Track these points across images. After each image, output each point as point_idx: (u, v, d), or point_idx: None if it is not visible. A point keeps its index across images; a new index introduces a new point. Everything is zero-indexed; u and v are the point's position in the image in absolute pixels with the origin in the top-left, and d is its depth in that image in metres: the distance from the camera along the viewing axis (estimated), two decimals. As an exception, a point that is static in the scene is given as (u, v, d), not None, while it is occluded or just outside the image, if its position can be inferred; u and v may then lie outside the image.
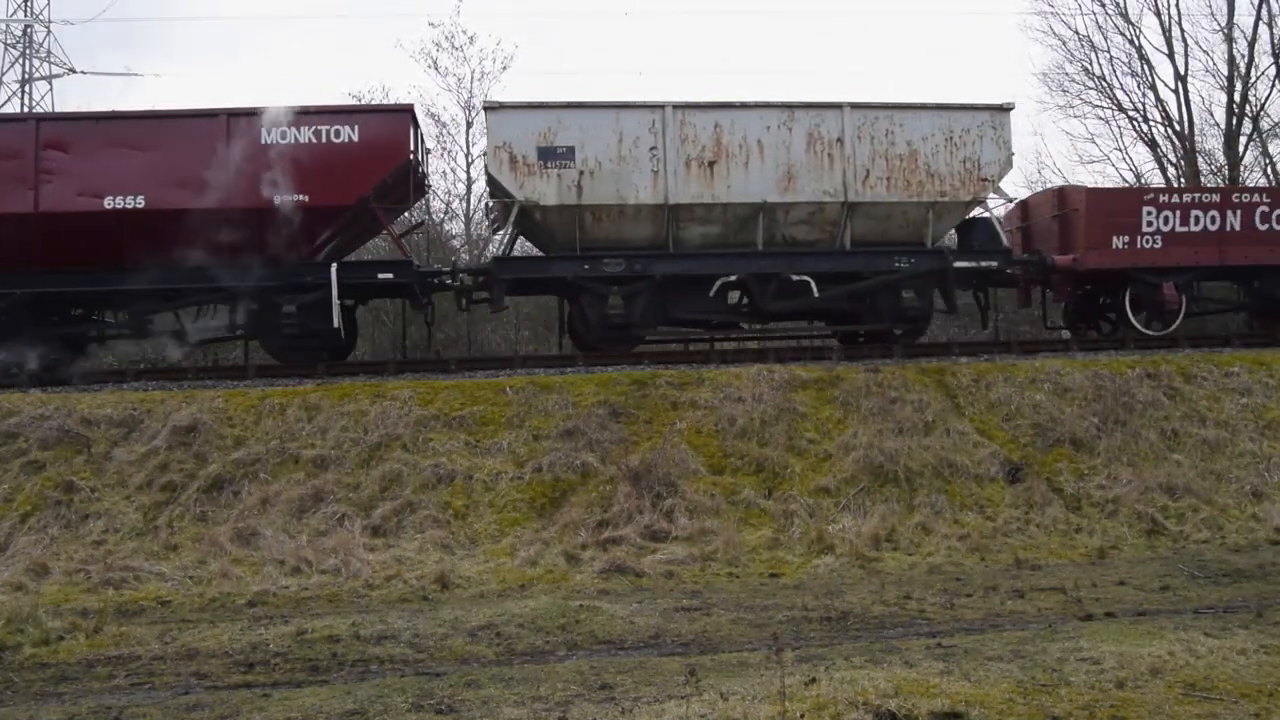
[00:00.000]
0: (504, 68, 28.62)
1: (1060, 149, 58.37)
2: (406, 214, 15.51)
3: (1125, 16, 24.77)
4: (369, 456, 10.03)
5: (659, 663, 5.69)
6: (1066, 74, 25.70)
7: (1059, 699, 4.68)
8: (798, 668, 5.26)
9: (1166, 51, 24.27)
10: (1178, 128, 24.27)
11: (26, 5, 31.35)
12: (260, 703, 5.07)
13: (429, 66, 26.37)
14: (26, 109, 30.23)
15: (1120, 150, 30.76)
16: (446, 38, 26.53)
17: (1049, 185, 20.75)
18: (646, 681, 5.21)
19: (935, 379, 11.50)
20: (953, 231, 14.58)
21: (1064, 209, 14.80)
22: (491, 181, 13.19)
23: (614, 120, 12.99)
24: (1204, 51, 27.12)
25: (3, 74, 31.04)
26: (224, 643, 6.39)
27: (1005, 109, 13.68)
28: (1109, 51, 25.20)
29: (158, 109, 13.25)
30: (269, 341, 13.20)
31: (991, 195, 13.89)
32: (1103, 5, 25.03)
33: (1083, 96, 25.54)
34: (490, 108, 13.10)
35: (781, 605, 7.24)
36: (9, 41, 31.31)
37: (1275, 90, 23.65)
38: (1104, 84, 25.22)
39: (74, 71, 32.32)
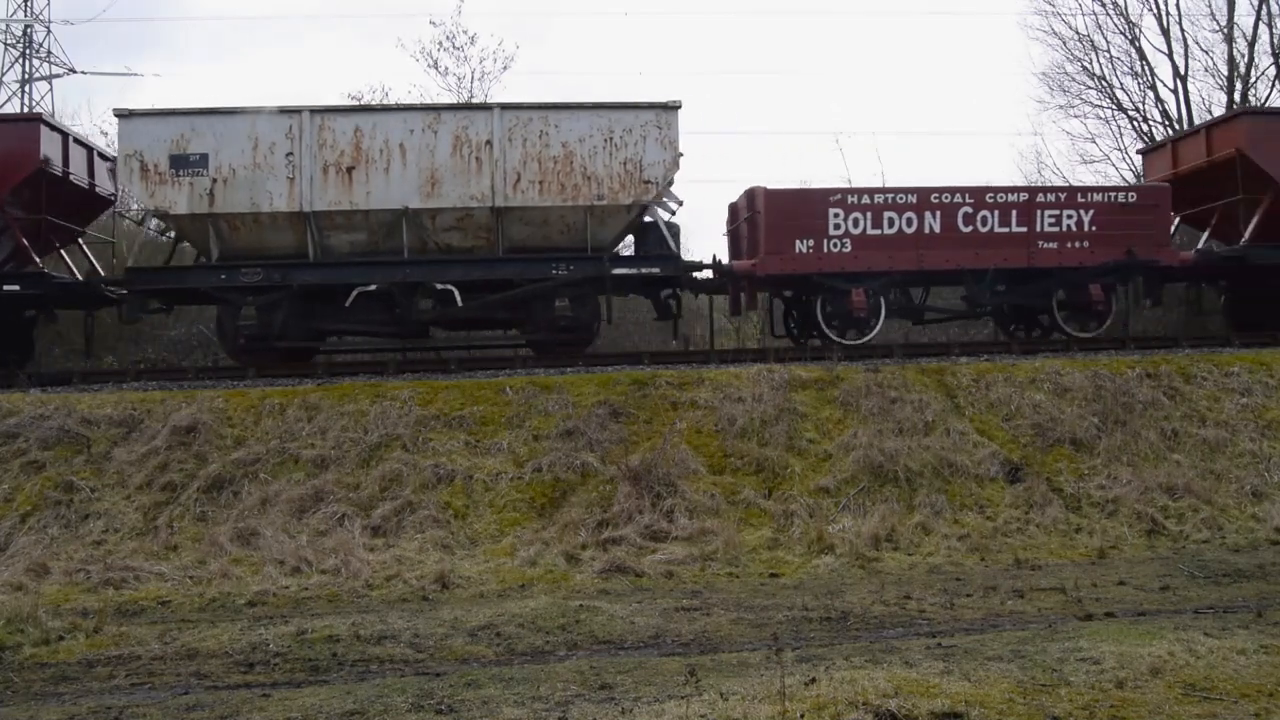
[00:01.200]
0: (504, 68, 28.63)
1: (1060, 149, 58.45)
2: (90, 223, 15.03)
3: (1125, 16, 24.82)
4: (369, 456, 10.03)
5: (659, 663, 5.69)
6: (1066, 73, 25.79)
7: (1059, 699, 4.67)
8: (798, 668, 5.26)
9: (1166, 51, 24.33)
10: (1178, 128, 24.29)
11: (26, 5, 31.35)
12: (260, 703, 5.07)
13: (429, 66, 26.40)
14: (27, 109, 30.22)
15: (1120, 150, 30.68)
16: (447, 37, 26.44)
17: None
18: (646, 681, 5.21)
19: (935, 379, 11.50)
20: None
21: (752, 211, 14.06)
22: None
23: (249, 126, 12.72)
24: (1204, 51, 27.12)
25: (3, 74, 31.05)
26: (224, 643, 6.39)
27: (671, 107, 13.07)
28: (1109, 51, 25.26)
29: None
30: None
31: (656, 197, 13.20)
32: (1103, 5, 25.11)
33: (1083, 96, 25.61)
34: (121, 115, 12.72)
35: (781, 605, 7.24)
36: (9, 41, 31.32)
37: (1275, 90, 23.69)
38: (1104, 84, 25.29)
39: (74, 71, 32.32)
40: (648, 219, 13.55)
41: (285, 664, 5.95)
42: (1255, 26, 23.61)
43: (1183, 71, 24.09)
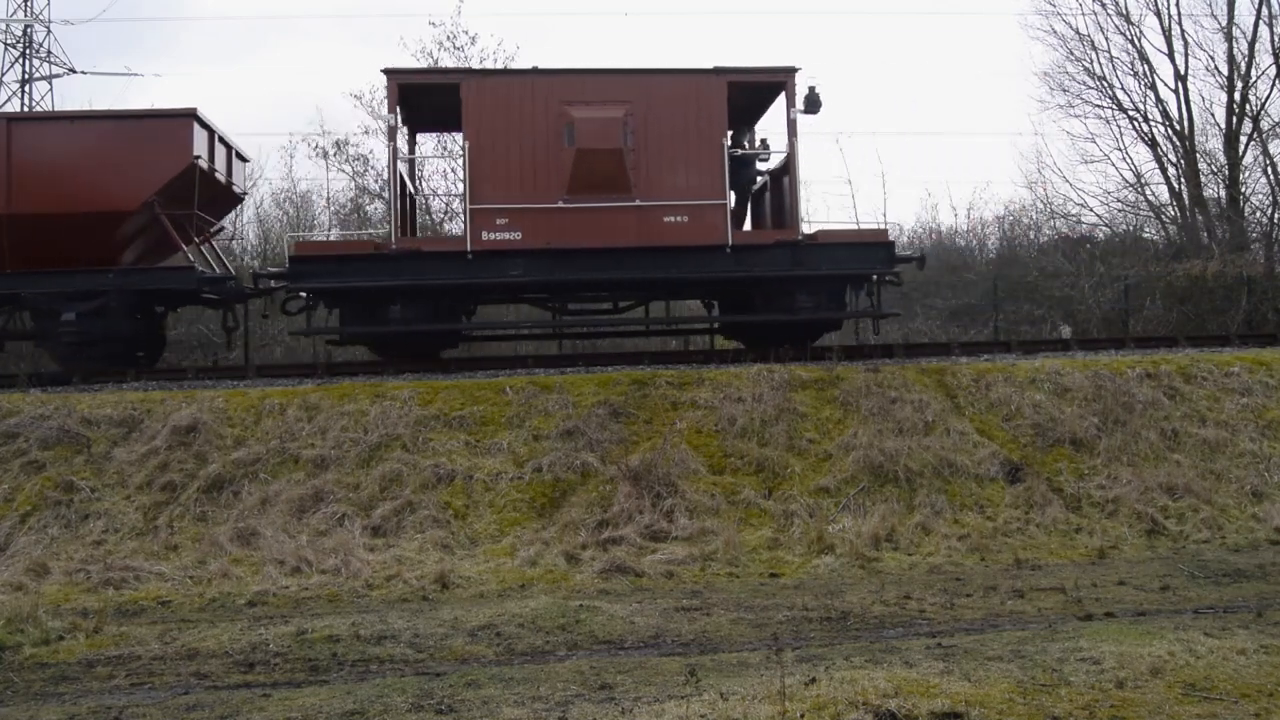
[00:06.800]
0: (504, 68, 28.49)
1: (1060, 149, 58.44)
2: None
3: (1126, 16, 24.81)
4: (369, 456, 10.02)
5: (659, 663, 5.69)
6: (1067, 73, 25.72)
7: (1059, 699, 4.67)
8: (798, 668, 5.26)
9: (1167, 51, 24.31)
10: (1178, 128, 24.29)
11: (26, 5, 31.37)
12: (260, 703, 5.07)
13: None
14: (26, 109, 30.22)
15: (1120, 150, 30.65)
16: (448, 37, 26.43)
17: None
18: (646, 681, 5.21)
19: (935, 379, 11.50)
20: None
21: None
22: None
23: None
24: (1204, 51, 27.09)
25: (3, 74, 31.07)
26: (224, 643, 6.39)
27: None
28: (1109, 51, 25.22)
29: None
30: None
31: None
32: (1103, 5, 25.07)
33: (1083, 96, 25.56)
34: None
35: (781, 605, 7.24)
36: (9, 41, 31.34)
37: (1276, 90, 23.67)
38: (1104, 84, 25.25)
39: (74, 71, 32.33)
40: None
41: (285, 664, 5.95)
42: (1256, 25, 23.58)
43: (1183, 71, 24.09)
